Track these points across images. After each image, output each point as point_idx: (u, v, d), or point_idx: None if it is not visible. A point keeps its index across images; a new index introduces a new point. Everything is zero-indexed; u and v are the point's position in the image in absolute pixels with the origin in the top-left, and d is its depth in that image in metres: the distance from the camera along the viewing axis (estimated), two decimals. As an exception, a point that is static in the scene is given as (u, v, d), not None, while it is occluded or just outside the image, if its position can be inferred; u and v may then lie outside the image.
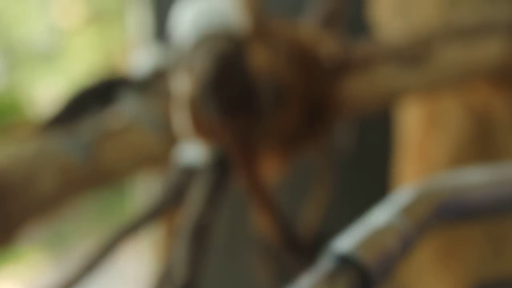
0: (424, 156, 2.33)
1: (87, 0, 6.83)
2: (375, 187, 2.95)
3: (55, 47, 6.84)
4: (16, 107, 2.58)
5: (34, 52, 6.80)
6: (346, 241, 0.99)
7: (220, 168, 1.55)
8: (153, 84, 1.94)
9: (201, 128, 1.52)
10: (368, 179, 3.11)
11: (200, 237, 1.46)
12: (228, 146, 1.49)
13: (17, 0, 6.59)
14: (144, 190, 3.39)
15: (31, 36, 6.76)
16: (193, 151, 1.59)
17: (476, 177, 1.25)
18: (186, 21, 1.62)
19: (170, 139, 1.93)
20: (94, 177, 1.94)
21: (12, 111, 2.55)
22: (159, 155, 1.95)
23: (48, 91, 6.82)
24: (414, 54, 1.98)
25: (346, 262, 0.96)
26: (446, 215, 1.23)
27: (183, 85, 1.55)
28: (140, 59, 1.96)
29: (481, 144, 2.25)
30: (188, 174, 1.58)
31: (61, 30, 6.92)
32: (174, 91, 1.74)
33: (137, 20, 3.57)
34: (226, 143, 1.49)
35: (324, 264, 0.94)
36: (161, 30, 3.22)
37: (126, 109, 1.94)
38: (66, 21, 6.93)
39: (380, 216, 1.11)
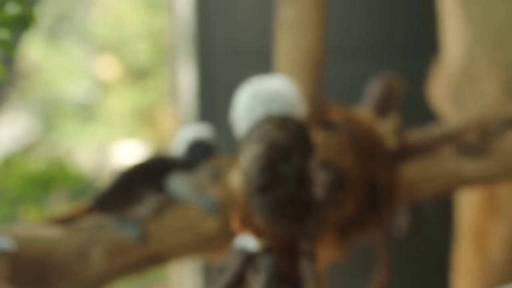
0: (482, 240, 2.26)
1: (127, 57, 6.86)
2: (434, 267, 2.87)
3: (95, 102, 6.85)
4: (57, 161, 2.56)
5: (74, 107, 6.81)
6: None
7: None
8: (203, 164, 1.91)
9: (248, 224, 1.47)
10: (426, 260, 3.02)
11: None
12: (270, 244, 1.45)
13: (59, 57, 6.63)
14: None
15: (71, 91, 6.78)
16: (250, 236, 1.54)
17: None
18: (243, 103, 1.57)
19: (224, 222, 1.88)
20: (146, 257, 1.88)
21: (52, 164, 2.52)
22: (213, 237, 1.89)
23: (87, 144, 6.81)
24: (475, 143, 1.92)
25: None
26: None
27: (234, 181, 1.50)
28: (188, 136, 1.92)
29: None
30: (247, 259, 1.52)
31: (101, 86, 6.94)
32: (228, 182, 1.70)
33: (175, 77, 3.54)
34: (268, 242, 1.45)
35: None
36: (201, 87, 3.18)
37: (179, 190, 1.89)
38: (106, 77, 6.96)
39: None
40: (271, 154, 1.44)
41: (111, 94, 6.85)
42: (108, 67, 6.97)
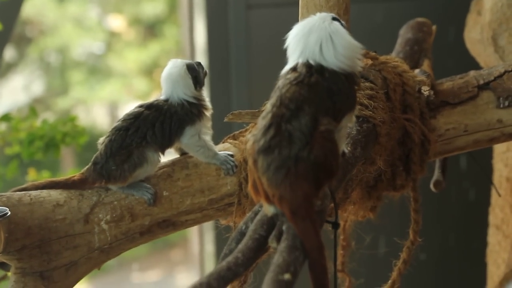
0: None
1: (139, 15, 6.67)
2: (470, 221, 2.67)
3: (107, 59, 6.72)
4: (70, 118, 2.34)
5: (86, 63, 6.69)
6: None
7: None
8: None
9: (258, 187, 1.26)
10: (462, 214, 2.82)
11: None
12: (280, 208, 1.25)
13: (72, 14, 6.45)
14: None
15: (84, 48, 6.65)
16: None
17: None
18: (297, 35, 1.32)
19: (241, 181, 1.66)
20: (158, 221, 1.66)
21: (66, 121, 2.31)
22: (230, 199, 1.66)
23: (99, 100, 6.67)
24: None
25: None
26: None
27: (248, 142, 1.28)
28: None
29: None
30: (268, 223, 1.31)
31: (114, 43, 6.79)
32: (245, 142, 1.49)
33: (188, 34, 3.32)
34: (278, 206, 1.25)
35: None
36: (214, 43, 2.94)
37: (194, 150, 1.66)
38: (118, 34, 6.79)
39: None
40: (277, 111, 1.24)
41: (123, 51, 6.67)
42: (120, 25, 6.79)
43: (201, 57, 3.03)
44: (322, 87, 1.27)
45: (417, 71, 1.73)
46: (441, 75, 1.77)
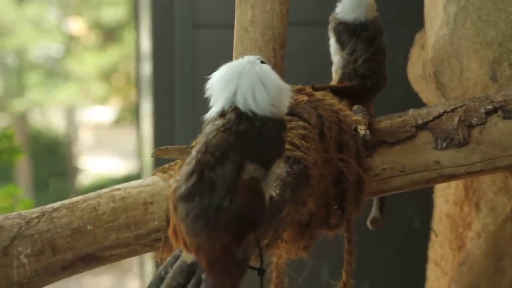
0: (457, 231, 2.00)
1: (97, 18, 6.59)
2: (409, 258, 2.62)
3: (65, 62, 6.63)
4: (6, 135, 2.26)
5: (44, 66, 6.59)
6: None
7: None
8: None
9: (177, 234, 1.19)
10: (400, 251, 2.77)
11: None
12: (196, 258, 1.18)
13: (30, 17, 6.34)
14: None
15: (42, 51, 6.54)
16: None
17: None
18: (219, 81, 1.23)
19: (169, 216, 1.58)
20: (82, 256, 1.57)
21: (2, 137, 2.23)
22: (159, 235, 1.59)
23: (58, 104, 6.56)
24: (454, 132, 1.63)
25: None
26: None
27: (171, 187, 1.22)
28: None
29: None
30: (187, 270, 1.24)
31: (72, 47, 6.70)
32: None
33: (141, 36, 3.25)
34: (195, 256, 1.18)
35: None
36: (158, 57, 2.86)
37: None
38: (77, 38, 6.70)
39: None
40: (201, 158, 1.17)
41: (82, 55, 6.57)
42: (80, 29, 6.70)
43: (147, 68, 2.95)
44: (251, 135, 1.20)
45: (355, 107, 1.67)
46: (388, 106, 1.72)
